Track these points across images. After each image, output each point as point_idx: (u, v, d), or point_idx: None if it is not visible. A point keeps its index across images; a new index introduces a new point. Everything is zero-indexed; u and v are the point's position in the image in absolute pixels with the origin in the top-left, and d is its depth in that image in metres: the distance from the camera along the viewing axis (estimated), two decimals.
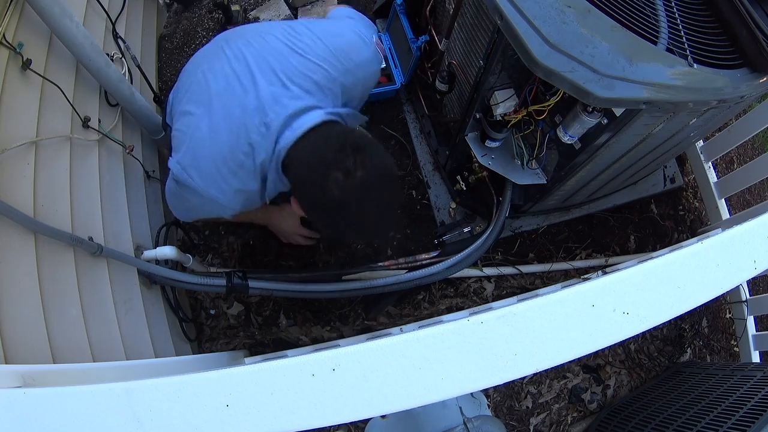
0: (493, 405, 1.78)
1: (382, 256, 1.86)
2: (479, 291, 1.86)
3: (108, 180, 1.35)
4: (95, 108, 1.33)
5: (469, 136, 1.52)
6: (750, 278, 1.06)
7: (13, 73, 1.03)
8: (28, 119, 1.08)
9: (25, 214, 0.98)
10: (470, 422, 0.96)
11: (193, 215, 1.21)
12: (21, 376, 0.71)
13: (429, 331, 0.55)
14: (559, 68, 0.98)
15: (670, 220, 2.04)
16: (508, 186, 1.55)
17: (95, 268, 1.21)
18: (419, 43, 1.72)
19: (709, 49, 1.10)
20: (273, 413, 0.50)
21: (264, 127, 0.98)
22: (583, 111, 1.17)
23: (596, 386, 1.85)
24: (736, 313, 1.97)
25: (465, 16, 1.33)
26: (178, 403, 0.50)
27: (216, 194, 1.04)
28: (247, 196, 1.07)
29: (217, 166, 1.01)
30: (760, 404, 1.31)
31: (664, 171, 1.96)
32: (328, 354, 0.53)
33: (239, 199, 1.06)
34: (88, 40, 1.21)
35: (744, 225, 0.68)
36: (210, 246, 1.83)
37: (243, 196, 1.06)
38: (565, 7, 1.05)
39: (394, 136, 1.98)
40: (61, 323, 1.05)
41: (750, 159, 2.18)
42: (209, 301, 1.78)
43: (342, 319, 1.80)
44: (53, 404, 0.50)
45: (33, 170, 1.05)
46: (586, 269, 1.89)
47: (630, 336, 0.58)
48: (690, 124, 1.22)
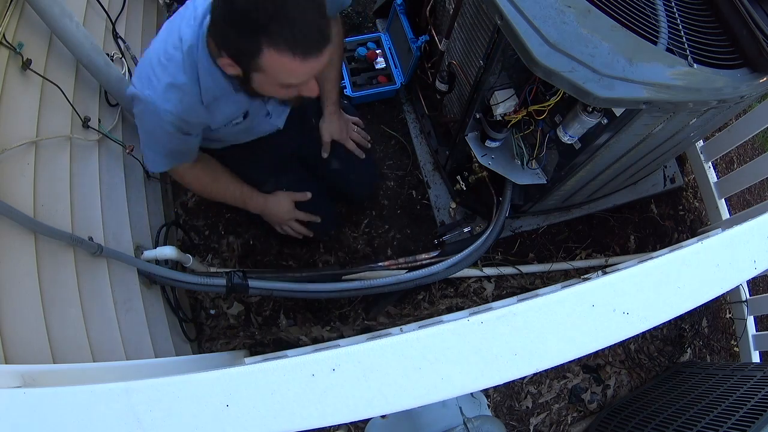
0: (493, 405, 1.78)
1: (382, 256, 1.86)
2: (479, 291, 1.86)
3: (108, 180, 1.35)
4: (95, 108, 1.33)
5: (469, 136, 1.52)
6: (750, 278, 1.06)
7: (13, 73, 1.03)
8: (28, 119, 1.08)
9: (25, 214, 0.98)
10: (470, 422, 0.96)
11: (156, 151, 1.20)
12: (21, 376, 0.71)
13: (429, 331, 0.55)
14: (559, 68, 0.98)
15: (670, 220, 2.04)
16: (508, 186, 1.55)
17: (95, 268, 1.21)
18: (419, 43, 1.72)
19: (709, 49, 1.10)
20: (273, 413, 0.50)
21: (193, 19, 1.03)
22: (583, 111, 1.17)
23: (596, 386, 1.85)
24: (736, 313, 1.97)
25: (465, 16, 1.33)
26: (178, 403, 0.50)
27: (150, 94, 1.05)
28: (181, 96, 1.06)
29: (152, 65, 1.05)
30: (760, 404, 1.31)
31: (664, 171, 1.96)
32: (328, 354, 0.53)
33: (172, 97, 1.05)
34: (88, 40, 1.21)
35: (744, 225, 0.68)
36: (210, 246, 1.83)
37: (176, 95, 1.05)
38: (565, 7, 1.05)
39: (394, 136, 1.98)
40: (61, 323, 1.05)
41: (750, 159, 2.18)
42: (209, 301, 1.78)
43: (342, 319, 1.80)
44: (53, 404, 0.50)
45: (33, 170, 1.05)
46: (586, 269, 1.89)
47: (630, 336, 0.58)
48: (690, 124, 1.22)
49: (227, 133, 1.30)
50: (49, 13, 1.09)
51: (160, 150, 1.20)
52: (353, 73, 1.94)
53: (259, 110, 1.29)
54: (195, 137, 1.21)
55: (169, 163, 1.25)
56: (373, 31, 2.11)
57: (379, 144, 1.98)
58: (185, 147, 1.22)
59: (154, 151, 1.21)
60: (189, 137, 1.18)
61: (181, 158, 1.27)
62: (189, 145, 1.22)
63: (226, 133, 1.29)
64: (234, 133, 1.32)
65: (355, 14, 2.17)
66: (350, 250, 1.86)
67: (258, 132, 1.39)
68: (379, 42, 1.97)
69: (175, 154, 1.23)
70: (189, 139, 1.19)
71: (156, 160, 1.23)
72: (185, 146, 1.22)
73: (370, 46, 1.95)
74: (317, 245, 1.86)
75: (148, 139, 1.19)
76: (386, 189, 1.93)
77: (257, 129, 1.37)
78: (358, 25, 2.15)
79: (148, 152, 1.22)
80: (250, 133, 1.37)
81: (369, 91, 1.91)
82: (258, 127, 1.35)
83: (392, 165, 1.96)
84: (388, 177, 1.94)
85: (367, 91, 1.91)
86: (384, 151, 1.97)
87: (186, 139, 1.18)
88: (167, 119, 1.08)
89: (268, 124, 1.37)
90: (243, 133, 1.34)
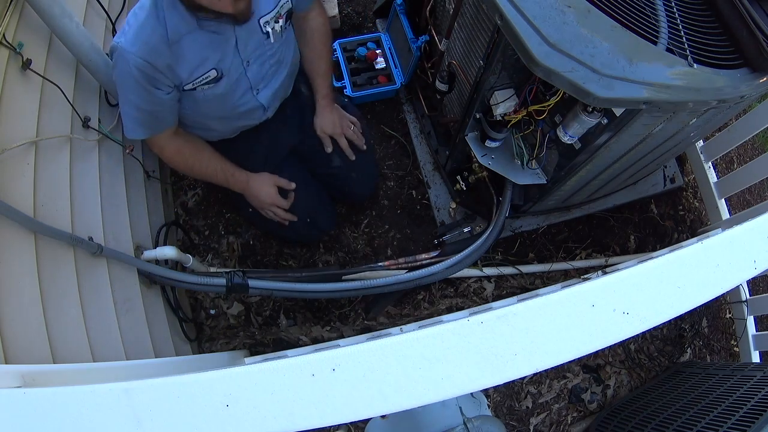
0: (493, 405, 1.78)
1: (382, 256, 1.86)
2: (479, 291, 1.86)
3: (108, 180, 1.35)
4: (95, 108, 1.33)
5: (469, 136, 1.52)
6: (750, 278, 1.06)
7: (13, 73, 1.03)
8: (28, 119, 1.08)
9: (25, 214, 0.98)
10: (470, 422, 0.96)
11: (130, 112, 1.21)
12: (21, 376, 0.71)
13: (429, 331, 0.55)
14: (559, 68, 0.98)
15: (670, 220, 2.04)
16: (508, 186, 1.55)
17: (95, 268, 1.21)
18: (419, 43, 1.72)
19: (709, 49, 1.10)
20: (273, 413, 0.50)
21: None
22: (583, 111, 1.17)
23: (596, 386, 1.85)
24: (736, 313, 1.97)
25: (465, 16, 1.33)
26: (178, 403, 0.50)
27: (121, 40, 1.11)
28: (147, 38, 1.10)
29: (128, 18, 1.13)
30: (760, 404, 1.31)
31: (664, 171, 1.96)
32: (328, 354, 0.53)
33: (138, 40, 1.10)
34: (88, 40, 1.21)
35: (744, 225, 0.68)
36: (210, 246, 1.83)
37: (142, 36, 1.10)
38: (565, 7, 1.05)
39: (394, 136, 1.98)
40: (61, 323, 1.05)
41: (750, 159, 2.18)
42: (209, 301, 1.78)
43: (342, 319, 1.80)
44: (53, 404, 0.50)
45: (33, 170, 1.06)
46: (586, 269, 1.89)
47: (630, 336, 0.58)
48: (690, 124, 1.22)
49: (207, 106, 1.28)
50: (49, 13, 1.09)
51: (132, 111, 1.20)
52: (353, 73, 1.94)
53: (236, 74, 1.26)
54: (166, 95, 1.19)
55: (145, 131, 1.25)
56: (373, 31, 2.11)
57: (379, 144, 1.98)
58: (155, 107, 1.21)
59: (128, 112, 1.21)
60: (158, 92, 1.17)
61: (157, 125, 1.25)
62: (159, 105, 1.21)
63: (206, 103, 1.27)
64: (215, 107, 1.30)
65: (355, 14, 2.17)
66: (350, 250, 1.86)
67: (243, 109, 1.36)
68: (379, 42, 1.97)
69: (146, 120, 1.22)
70: (158, 96, 1.18)
71: (131, 126, 1.23)
72: (155, 106, 1.20)
73: (370, 46, 1.95)
74: (317, 245, 1.86)
75: (121, 94, 1.20)
76: (386, 189, 1.93)
77: (241, 104, 1.34)
78: (358, 25, 2.15)
79: (124, 114, 1.23)
80: (234, 110, 1.35)
81: (369, 91, 1.91)
82: (241, 100, 1.33)
83: (392, 165, 1.96)
84: (388, 177, 1.94)
85: (367, 91, 1.91)
86: (384, 151, 1.97)
87: (154, 93, 1.17)
88: (133, 63, 1.10)
89: (254, 100, 1.35)
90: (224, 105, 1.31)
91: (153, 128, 1.26)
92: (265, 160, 1.53)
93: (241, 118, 1.40)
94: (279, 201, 1.52)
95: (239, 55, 1.24)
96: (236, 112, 1.36)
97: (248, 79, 1.30)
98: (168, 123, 1.28)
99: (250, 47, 1.24)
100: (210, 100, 1.27)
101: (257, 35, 1.24)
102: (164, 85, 1.17)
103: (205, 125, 1.39)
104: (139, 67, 1.11)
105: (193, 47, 1.15)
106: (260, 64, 1.30)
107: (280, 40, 1.31)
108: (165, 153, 1.35)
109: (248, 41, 1.23)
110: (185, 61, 1.16)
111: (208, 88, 1.24)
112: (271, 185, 1.50)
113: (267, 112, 1.43)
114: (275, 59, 1.34)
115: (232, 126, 1.43)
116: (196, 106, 1.28)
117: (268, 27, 1.25)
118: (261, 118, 1.44)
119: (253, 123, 1.46)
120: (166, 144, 1.32)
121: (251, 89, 1.33)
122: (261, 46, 1.27)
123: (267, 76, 1.35)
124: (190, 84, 1.20)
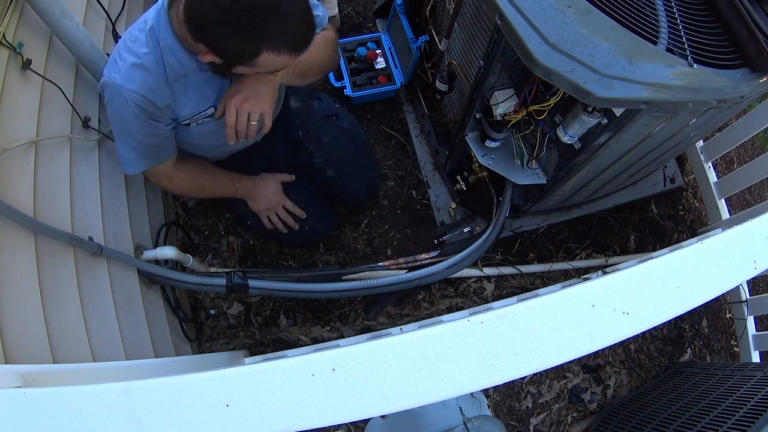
0: (493, 405, 1.78)
1: (382, 256, 1.86)
2: (479, 291, 1.86)
3: (108, 180, 1.35)
4: (95, 108, 1.33)
5: (469, 136, 1.52)
6: (750, 278, 1.06)
7: (13, 73, 1.03)
8: (28, 119, 1.08)
9: (25, 214, 0.98)
10: (470, 422, 0.96)
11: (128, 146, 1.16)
12: (21, 376, 0.71)
13: (429, 331, 0.55)
14: (559, 68, 0.98)
15: (670, 220, 2.04)
16: (508, 186, 1.55)
17: (95, 268, 1.21)
18: (419, 43, 1.72)
19: (709, 49, 1.10)
20: (273, 413, 0.50)
21: (159, 3, 1.05)
22: (583, 111, 1.17)
23: (596, 386, 1.85)
24: (736, 313, 1.97)
25: (465, 16, 1.33)
26: (178, 403, 0.50)
27: (115, 76, 1.06)
28: (145, 76, 1.05)
29: (119, 50, 1.08)
30: (760, 404, 1.31)
31: (664, 171, 1.96)
32: (328, 354, 0.53)
33: (136, 77, 1.05)
34: (88, 40, 1.21)
35: (744, 225, 0.68)
36: (210, 246, 1.83)
37: (140, 74, 1.05)
38: (565, 7, 1.05)
39: (394, 136, 1.98)
40: (61, 323, 1.05)
41: (750, 159, 2.18)
42: (209, 301, 1.78)
43: (342, 319, 1.80)
44: (53, 404, 0.50)
45: (33, 170, 1.06)
46: (586, 269, 1.89)
47: (630, 336, 0.58)
48: (690, 124, 1.22)
49: (200, 138, 1.26)
50: (49, 13, 1.09)
51: (132, 144, 1.16)
52: (353, 73, 1.94)
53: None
54: (165, 126, 1.16)
55: (146, 162, 1.20)
56: (373, 31, 2.11)
57: (379, 144, 1.98)
58: (157, 140, 1.17)
59: (126, 145, 1.17)
60: (158, 125, 1.14)
61: (157, 156, 1.21)
62: (160, 137, 1.17)
63: (199, 136, 1.25)
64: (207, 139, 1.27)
65: (355, 14, 2.17)
66: (350, 250, 1.86)
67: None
68: (379, 42, 1.97)
69: (148, 152, 1.19)
70: (159, 128, 1.15)
71: (130, 159, 1.18)
72: (156, 139, 1.17)
73: (370, 46, 1.95)
74: (317, 245, 1.86)
75: (118, 130, 1.16)
76: (386, 189, 1.93)
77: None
78: (358, 25, 2.15)
79: (121, 148, 1.18)
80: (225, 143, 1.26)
81: (369, 91, 1.91)
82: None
83: (392, 165, 1.96)
84: (388, 177, 1.94)
85: (367, 91, 1.91)
86: (384, 151, 1.98)
87: (155, 126, 1.13)
88: (131, 99, 1.06)
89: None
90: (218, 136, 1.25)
91: (155, 159, 1.22)
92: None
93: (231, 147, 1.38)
94: (285, 200, 1.52)
95: None
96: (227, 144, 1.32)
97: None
98: (171, 152, 1.25)
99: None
100: (204, 132, 1.25)
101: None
102: (164, 119, 1.15)
103: (199, 151, 1.38)
104: (138, 103, 1.07)
105: (192, 87, 1.13)
106: None
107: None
108: (175, 180, 1.31)
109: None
110: (185, 99, 1.14)
111: (203, 123, 1.22)
112: (276, 183, 1.50)
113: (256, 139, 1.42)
114: None
115: (224, 151, 1.43)
116: (189, 137, 1.26)
117: None
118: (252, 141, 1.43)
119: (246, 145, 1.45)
120: (174, 172, 1.29)
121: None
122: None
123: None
124: (187, 120, 1.18)
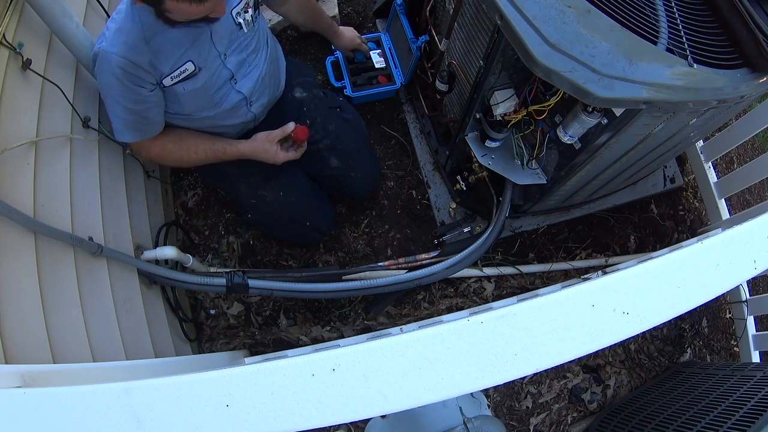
0: (493, 405, 1.78)
1: (382, 256, 1.86)
2: (479, 291, 1.86)
3: (108, 180, 1.35)
4: (95, 108, 1.34)
5: (469, 136, 1.52)
6: (750, 278, 1.06)
7: (13, 73, 1.03)
8: (28, 119, 1.08)
9: (25, 214, 0.98)
10: (470, 422, 0.96)
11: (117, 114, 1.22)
12: (21, 376, 0.71)
13: (429, 331, 0.55)
14: (559, 68, 0.98)
15: (670, 220, 2.04)
16: (508, 186, 1.55)
17: (95, 268, 1.21)
18: (419, 43, 1.72)
19: (709, 49, 1.10)
20: (273, 413, 0.50)
21: None
22: (583, 111, 1.17)
23: (596, 386, 1.85)
24: (736, 313, 1.97)
25: (465, 16, 1.33)
26: (178, 403, 0.50)
27: (102, 45, 1.13)
28: (126, 37, 1.12)
29: (107, 25, 1.16)
30: (760, 404, 1.31)
31: (664, 171, 1.96)
32: (328, 354, 0.53)
33: (118, 41, 1.12)
34: (88, 40, 1.21)
35: (744, 225, 0.68)
36: (210, 246, 1.83)
37: (121, 37, 1.12)
38: (565, 7, 1.05)
39: (394, 136, 1.98)
40: (61, 323, 1.05)
41: (750, 159, 2.18)
42: (209, 301, 1.78)
43: (342, 319, 1.80)
44: (53, 404, 0.50)
45: (33, 170, 1.06)
46: (586, 269, 1.89)
47: (630, 336, 0.58)
48: (690, 124, 1.22)
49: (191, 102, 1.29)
50: (49, 13, 1.09)
51: (119, 113, 1.21)
52: (353, 73, 1.94)
53: (214, 67, 1.27)
54: (149, 93, 1.20)
55: (133, 134, 1.25)
56: (373, 31, 2.11)
57: (379, 144, 1.98)
58: (141, 107, 1.21)
59: (114, 114, 1.22)
60: (141, 90, 1.18)
61: (145, 128, 1.26)
62: (145, 104, 1.21)
63: (188, 99, 1.27)
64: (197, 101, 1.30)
65: (355, 14, 2.17)
66: (350, 250, 1.86)
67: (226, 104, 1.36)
68: (379, 42, 1.97)
69: (135, 122, 1.23)
70: (141, 95, 1.19)
71: (117, 127, 1.24)
72: (141, 106, 1.21)
73: (370, 46, 1.95)
74: (317, 245, 1.86)
75: (108, 98, 1.21)
76: (386, 189, 1.93)
77: (222, 98, 1.34)
78: (358, 25, 2.15)
79: (112, 116, 1.24)
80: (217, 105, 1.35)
81: (369, 91, 1.91)
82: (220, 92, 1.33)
83: (392, 165, 1.96)
84: (388, 177, 1.94)
85: (367, 91, 1.91)
86: (384, 151, 1.97)
87: (137, 92, 1.18)
88: (115, 63, 1.12)
89: (234, 92, 1.35)
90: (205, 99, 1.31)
91: (142, 132, 1.26)
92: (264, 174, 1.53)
93: (227, 116, 1.39)
94: (287, 155, 1.49)
95: (215, 48, 1.25)
96: (221, 110, 1.36)
97: (227, 71, 1.31)
98: (156, 126, 1.29)
99: (225, 40, 1.26)
100: (190, 95, 1.28)
101: (230, 27, 1.26)
102: (147, 83, 1.19)
103: (202, 124, 1.38)
104: (121, 66, 1.12)
105: (169, 41, 1.17)
106: (237, 55, 1.31)
107: (252, 29, 1.33)
108: (152, 153, 1.35)
109: (222, 33, 1.25)
110: (164, 54, 1.18)
111: (188, 83, 1.25)
112: (271, 144, 1.46)
113: (252, 108, 1.42)
114: (251, 49, 1.35)
115: (220, 125, 1.42)
116: (179, 105, 1.28)
117: (240, 18, 1.27)
118: (247, 115, 1.43)
119: (243, 122, 1.45)
120: (151, 144, 1.32)
121: (230, 80, 1.33)
122: (236, 38, 1.29)
123: (245, 66, 1.35)
124: (169, 78, 1.21)
